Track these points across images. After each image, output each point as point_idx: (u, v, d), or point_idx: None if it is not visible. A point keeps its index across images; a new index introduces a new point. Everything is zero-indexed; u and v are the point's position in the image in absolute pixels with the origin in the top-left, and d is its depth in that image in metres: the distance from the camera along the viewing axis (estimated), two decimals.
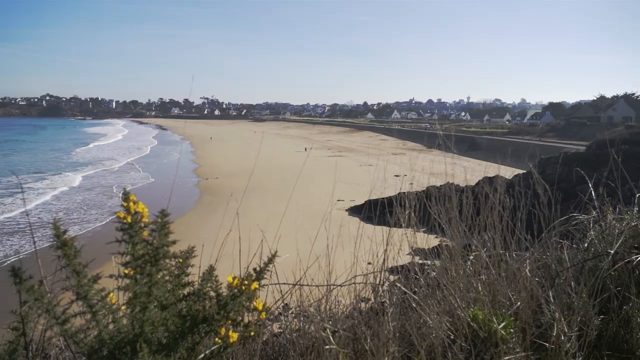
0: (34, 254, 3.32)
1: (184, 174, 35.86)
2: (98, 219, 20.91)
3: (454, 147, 2.78)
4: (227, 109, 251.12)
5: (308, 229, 4.63)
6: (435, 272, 1.81)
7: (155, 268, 1.04)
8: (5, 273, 1.89)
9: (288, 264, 1.96)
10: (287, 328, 1.64)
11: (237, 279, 1.17)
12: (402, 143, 67.55)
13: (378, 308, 1.43)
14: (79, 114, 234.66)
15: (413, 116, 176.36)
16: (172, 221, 1.20)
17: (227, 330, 1.12)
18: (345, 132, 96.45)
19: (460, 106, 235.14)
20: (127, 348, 1.09)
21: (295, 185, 27.15)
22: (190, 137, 79.42)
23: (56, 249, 1.14)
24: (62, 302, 1.16)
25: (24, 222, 20.09)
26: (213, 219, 18.70)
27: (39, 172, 37.05)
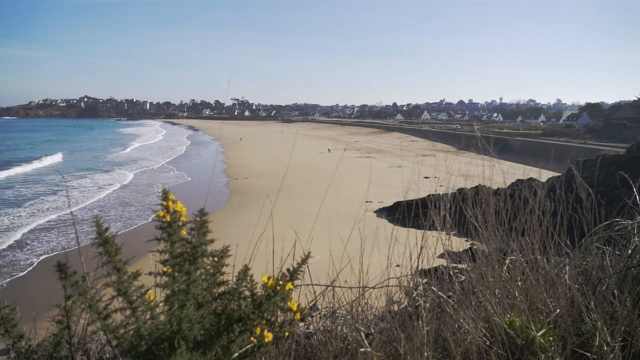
0: (75, 250, 3.44)
1: (215, 173, 36.48)
2: (140, 216, 21.52)
3: (484, 149, 2.71)
4: (256, 110, 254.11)
5: (337, 230, 4.62)
6: (471, 276, 1.77)
7: (193, 266, 1.06)
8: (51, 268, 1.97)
9: (319, 265, 1.96)
10: (318, 329, 1.64)
11: (271, 279, 1.17)
12: (431, 144, 66.62)
13: (412, 311, 1.41)
14: (114, 115, 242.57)
15: (443, 117, 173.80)
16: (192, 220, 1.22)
17: (262, 330, 1.13)
18: (374, 133, 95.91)
19: (493, 107, 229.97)
20: (165, 344, 1.11)
21: (327, 186, 27.19)
22: (220, 138, 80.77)
23: (98, 246, 1.18)
24: (103, 298, 1.20)
25: (68, 219, 20.90)
26: (242, 219, 18.95)
27: (87, 171, 38.50)
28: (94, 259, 1.21)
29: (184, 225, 1.13)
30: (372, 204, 23.67)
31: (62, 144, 70.02)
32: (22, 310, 1.36)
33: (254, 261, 1.63)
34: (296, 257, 1.78)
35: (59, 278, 1.09)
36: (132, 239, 14.79)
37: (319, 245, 2.01)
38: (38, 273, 14.00)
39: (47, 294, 10.07)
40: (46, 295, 8.10)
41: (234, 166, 39.99)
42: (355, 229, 2.55)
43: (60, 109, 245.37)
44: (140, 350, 1.08)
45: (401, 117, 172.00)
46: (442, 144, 64.83)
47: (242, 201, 23.96)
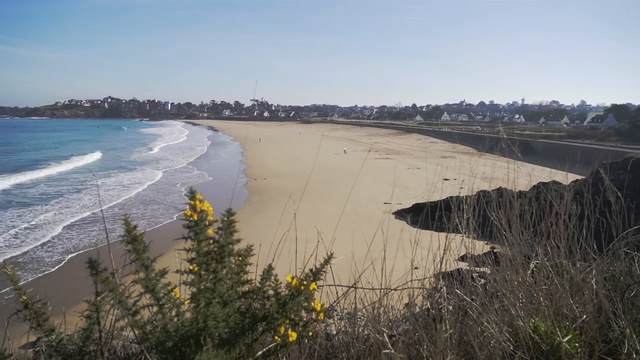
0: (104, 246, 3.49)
1: (233, 174, 36.81)
2: (163, 214, 21.88)
3: (508, 150, 2.67)
4: (276, 110, 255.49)
5: (355, 231, 4.61)
6: (494, 280, 1.74)
7: (220, 265, 1.07)
8: (79, 264, 1.97)
9: (339, 266, 1.96)
10: (339, 330, 1.64)
11: (295, 279, 1.18)
12: (452, 146, 65.88)
13: (435, 314, 1.40)
14: (137, 115, 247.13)
15: (463, 118, 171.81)
16: (218, 220, 1.23)
17: (286, 330, 1.14)
18: (393, 135, 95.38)
19: (514, 108, 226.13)
20: (191, 341, 1.13)
21: (345, 187, 27.16)
22: (240, 139, 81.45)
23: (127, 244, 1.20)
24: (131, 295, 1.23)
25: (95, 217, 21.41)
26: (260, 219, 19.06)
27: (115, 170, 39.35)
28: (122, 256, 1.24)
29: (210, 225, 1.14)
30: (390, 205, 23.52)
31: (93, 144, 71.69)
32: (51, 304, 1.40)
33: (275, 261, 1.64)
34: (318, 258, 1.79)
35: (90, 274, 1.12)
36: (155, 237, 14.99)
37: (338, 246, 2.01)
38: (68, 269, 14.39)
39: (74, 290, 10.29)
40: (74, 291, 8.26)
41: (253, 166, 40.28)
42: (374, 230, 2.55)
43: (85, 109, 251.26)
44: (167, 346, 1.10)
45: (420, 119, 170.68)
46: (463, 145, 64.04)
47: (260, 201, 24.11)
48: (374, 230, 3.23)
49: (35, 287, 1.34)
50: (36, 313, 1.27)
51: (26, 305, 1.28)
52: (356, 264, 1.79)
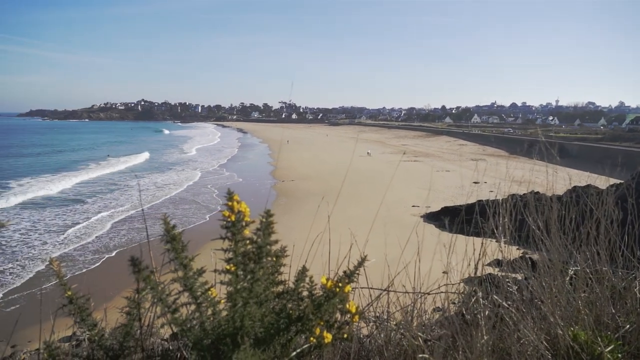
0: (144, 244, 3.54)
1: (261, 175, 37.20)
2: (195, 214, 22.37)
3: (542, 153, 2.60)
4: (304, 112, 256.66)
5: (384, 234, 4.57)
6: (531, 286, 1.70)
7: (258, 265, 1.09)
8: (116, 262, 2.03)
9: (370, 269, 1.95)
10: (372, 333, 1.64)
11: (330, 281, 1.19)
12: (482, 148, 64.61)
13: (471, 320, 1.37)
14: (168, 117, 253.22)
15: (495, 120, 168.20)
16: (254, 221, 1.25)
17: (321, 331, 1.14)
18: (422, 137, 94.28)
19: (548, 110, 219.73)
20: (227, 340, 1.15)
21: (373, 190, 27.03)
22: (268, 141, 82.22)
23: (166, 243, 1.24)
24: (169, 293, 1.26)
25: (132, 216, 22.11)
26: (287, 221, 19.16)
27: (155, 171, 40.61)
28: (162, 254, 1.27)
29: (247, 225, 1.16)
30: (419, 208, 23.25)
31: (135, 145, 74.04)
32: (92, 299, 1.45)
33: (308, 263, 1.65)
34: (351, 260, 1.79)
35: (132, 272, 1.16)
36: (189, 237, 15.34)
37: (367, 249, 2.00)
38: (107, 267, 14.91)
39: (113, 285, 10.63)
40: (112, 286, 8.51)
41: (281, 168, 40.57)
42: (402, 233, 2.52)
43: (119, 112, 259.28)
44: (205, 344, 1.12)
45: (450, 120, 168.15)
46: (493, 148, 62.68)
47: (288, 203, 24.25)
48: (402, 234, 3.20)
49: (79, 283, 1.39)
50: (80, 308, 1.32)
51: (71, 300, 1.33)
52: (389, 267, 1.77)
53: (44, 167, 43.25)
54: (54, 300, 1.35)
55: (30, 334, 8.08)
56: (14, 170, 41.56)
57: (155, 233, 1.98)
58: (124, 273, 2.84)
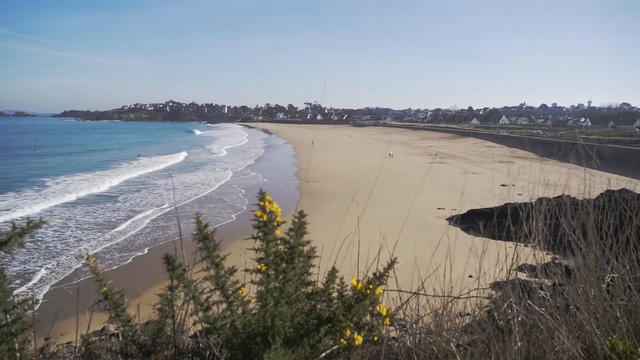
0: (171, 242, 3.55)
1: (286, 176, 37.41)
2: (221, 214, 22.74)
3: (578, 156, 2.52)
4: (329, 113, 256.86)
5: (410, 236, 4.53)
6: (566, 292, 1.65)
7: (290, 266, 1.09)
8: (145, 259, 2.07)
9: (398, 271, 1.93)
10: (400, 336, 1.62)
11: (361, 283, 1.18)
12: (510, 150, 63.21)
13: (504, 325, 1.34)
14: (196, 118, 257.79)
15: (523, 122, 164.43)
16: (286, 221, 1.25)
17: (352, 333, 1.14)
18: (448, 138, 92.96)
19: (580, 111, 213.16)
20: (258, 339, 1.16)
21: (398, 191, 26.81)
22: (293, 141, 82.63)
23: (198, 242, 1.26)
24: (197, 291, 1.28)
25: (162, 215, 22.64)
26: (312, 221, 19.12)
27: (191, 170, 41.40)
28: (194, 253, 1.29)
29: (278, 225, 1.17)
30: (444, 211, 22.93)
31: (165, 145, 75.87)
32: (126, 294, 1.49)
33: (338, 264, 1.64)
34: (377, 261, 1.78)
35: (166, 270, 1.18)
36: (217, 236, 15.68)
37: (393, 251, 1.98)
38: (140, 262, 15.34)
39: (140, 283, 10.88)
40: (140, 284, 8.69)
41: (305, 169, 40.69)
42: (427, 236, 2.49)
43: (149, 113, 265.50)
44: (236, 342, 1.14)
45: (477, 122, 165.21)
46: (522, 150, 61.26)
47: (312, 204, 24.28)
48: (428, 236, 3.15)
49: (113, 279, 1.43)
50: (115, 304, 1.36)
51: (106, 296, 1.36)
52: (419, 270, 1.75)
53: (78, 166, 44.67)
54: (91, 296, 1.38)
55: (62, 327, 8.35)
56: (49, 168, 43.12)
57: (185, 231, 2.01)
58: (154, 270, 2.85)
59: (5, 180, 35.29)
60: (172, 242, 17.60)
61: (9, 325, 1.22)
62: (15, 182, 34.18)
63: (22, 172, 40.54)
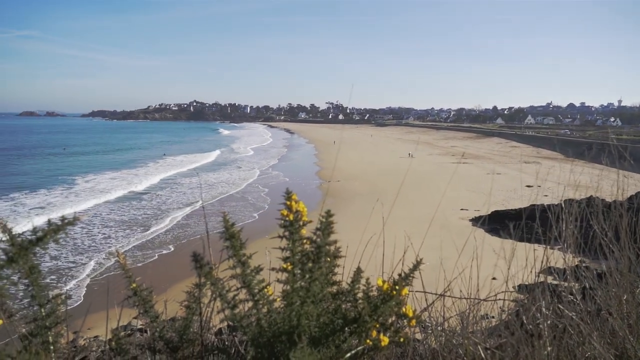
0: (194, 240, 3.57)
1: (307, 175, 37.52)
2: (242, 212, 23.01)
3: (610, 157, 2.45)
4: (350, 113, 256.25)
5: (431, 237, 4.49)
6: (597, 297, 1.60)
7: (316, 265, 1.09)
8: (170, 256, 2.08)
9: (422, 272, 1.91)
10: (425, 338, 1.60)
11: (386, 283, 1.17)
12: (536, 151, 61.87)
13: (533, 329, 1.31)
14: (219, 118, 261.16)
15: (550, 122, 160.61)
16: (312, 220, 1.26)
17: (378, 334, 1.13)
18: (472, 138, 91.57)
19: (609, 110, 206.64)
20: (283, 338, 1.16)
21: (420, 191, 26.56)
22: (314, 141, 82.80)
23: (225, 240, 1.27)
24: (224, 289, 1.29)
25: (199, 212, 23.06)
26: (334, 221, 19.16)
27: (219, 169, 42.15)
28: (220, 251, 1.31)
29: (304, 225, 1.17)
30: (467, 212, 22.60)
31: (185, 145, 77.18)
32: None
33: (359, 264, 1.64)
34: (390, 260, 1.77)
35: (194, 267, 1.20)
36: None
37: (416, 252, 1.96)
38: (165, 259, 15.67)
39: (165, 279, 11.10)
40: (165, 281, 8.81)
41: (327, 168, 40.74)
42: (450, 237, 2.45)
43: (173, 113, 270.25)
44: (262, 341, 1.14)
45: (502, 121, 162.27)
46: (548, 150, 59.88)
47: (334, 203, 24.28)
48: (450, 237, 3.09)
49: (141, 275, 1.46)
50: (143, 300, 1.38)
51: (135, 292, 1.39)
52: (444, 272, 1.73)
53: (106, 165, 45.86)
54: (120, 292, 1.41)
55: (89, 321, 8.57)
56: (78, 167, 44.39)
57: (211, 229, 2.03)
58: (178, 267, 2.87)
59: (37, 178, 36.54)
60: (194, 240, 17.89)
61: (43, 318, 1.26)
62: (46, 180, 35.35)
63: (53, 170, 41.90)
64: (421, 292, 1.60)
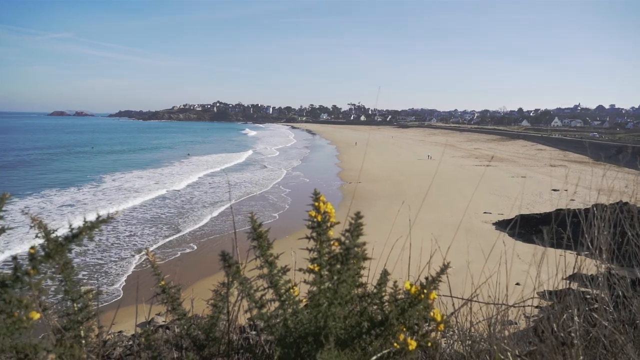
0: (217, 239, 3.57)
1: (328, 176, 37.52)
2: (262, 212, 23.17)
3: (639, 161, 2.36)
4: (372, 114, 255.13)
5: (450, 240, 4.44)
6: (634, 306, 1.55)
7: (345, 267, 1.09)
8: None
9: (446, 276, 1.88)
10: (451, 343, 1.58)
11: (414, 287, 1.16)
12: (562, 154, 60.41)
13: (565, 337, 1.28)
14: (241, 118, 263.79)
15: (578, 124, 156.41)
16: (339, 222, 1.25)
17: (405, 337, 1.12)
18: (496, 141, 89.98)
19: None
20: (309, 339, 1.16)
21: (441, 194, 26.25)
22: (336, 142, 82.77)
23: (252, 240, 1.28)
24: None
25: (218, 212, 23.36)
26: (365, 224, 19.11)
27: (251, 169, 42.75)
28: (248, 250, 1.32)
29: (332, 226, 1.17)
30: (491, 215, 22.21)
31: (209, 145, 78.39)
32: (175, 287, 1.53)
33: (379, 266, 1.63)
34: (415, 262, 1.75)
35: (223, 267, 1.21)
36: None
37: (439, 255, 1.93)
38: (188, 257, 15.95)
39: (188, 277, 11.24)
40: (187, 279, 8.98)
41: (348, 170, 40.66)
42: (472, 241, 2.41)
43: (197, 113, 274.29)
44: (289, 341, 1.15)
45: (527, 124, 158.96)
46: (576, 153, 58.38)
47: (355, 205, 24.20)
48: (473, 241, 3.03)
49: (171, 272, 1.48)
50: (171, 298, 1.41)
51: (163, 289, 1.41)
52: (472, 277, 1.70)
53: (133, 164, 46.89)
54: (149, 289, 1.44)
55: (115, 317, 8.77)
56: (106, 165, 45.51)
57: (235, 229, 2.04)
58: (202, 265, 2.87)
59: (67, 176, 37.64)
60: (216, 239, 18.11)
61: (76, 313, 1.29)
62: (75, 177, 36.38)
63: (82, 168, 43.08)
64: (448, 296, 1.57)
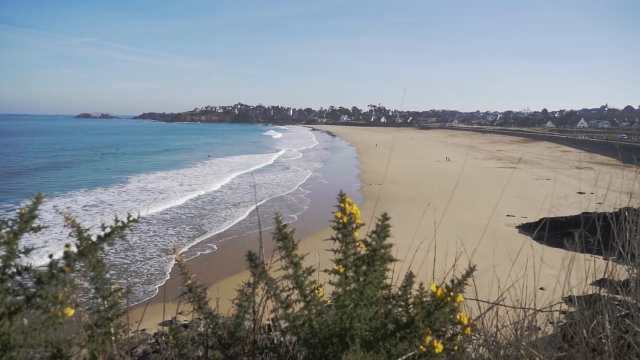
0: (236, 239, 3.59)
1: (348, 178, 37.43)
2: (282, 213, 23.36)
3: None
4: (393, 116, 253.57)
5: (475, 244, 4.38)
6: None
7: (371, 268, 1.09)
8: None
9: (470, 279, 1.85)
10: (476, 347, 1.56)
11: (441, 289, 1.15)
12: (589, 156, 58.86)
13: (595, 344, 1.25)
14: (262, 120, 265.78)
15: (605, 125, 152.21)
16: (364, 223, 1.25)
17: (431, 340, 1.11)
18: (519, 142, 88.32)
19: None
20: (334, 340, 1.17)
21: (463, 196, 25.92)
22: (356, 144, 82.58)
23: (277, 241, 1.29)
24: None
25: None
26: (374, 225, 19.02)
27: (277, 171, 43.18)
28: (273, 251, 1.33)
29: (357, 228, 1.17)
30: (514, 218, 21.81)
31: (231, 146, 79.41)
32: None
33: (410, 268, 1.62)
34: (436, 265, 1.73)
35: (249, 267, 1.22)
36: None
37: (463, 259, 1.90)
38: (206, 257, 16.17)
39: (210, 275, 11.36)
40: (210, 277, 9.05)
41: (368, 171, 40.50)
42: (494, 244, 2.37)
43: (218, 115, 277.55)
44: (314, 342, 1.15)
45: (552, 125, 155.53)
46: (603, 155, 56.83)
47: (374, 207, 24.07)
48: (496, 243, 2.97)
49: (198, 272, 1.50)
50: (198, 297, 1.43)
51: (190, 289, 1.44)
52: (498, 280, 1.68)
53: (156, 165, 47.76)
54: (176, 288, 1.47)
55: (137, 315, 8.93)
56: (130, 166, 46.47)
57: (260, 230, 2.06)
58: (223, 265, 2.88)
59: (93, 176, 38.57)
60: (237, 239, 18.28)
61: (106, 310, 1.32)
62: (101, 178, 37.25)
63: (107, 169, 44.10)
64: (473, 299, 1.55)
